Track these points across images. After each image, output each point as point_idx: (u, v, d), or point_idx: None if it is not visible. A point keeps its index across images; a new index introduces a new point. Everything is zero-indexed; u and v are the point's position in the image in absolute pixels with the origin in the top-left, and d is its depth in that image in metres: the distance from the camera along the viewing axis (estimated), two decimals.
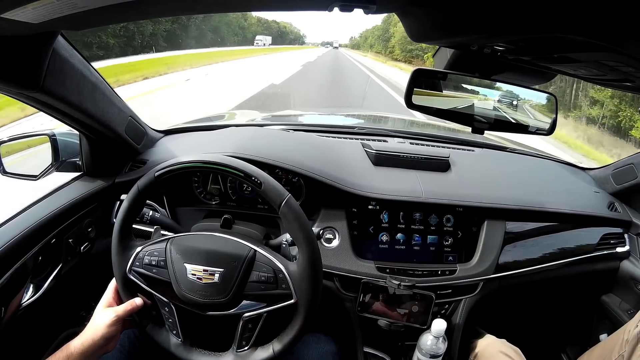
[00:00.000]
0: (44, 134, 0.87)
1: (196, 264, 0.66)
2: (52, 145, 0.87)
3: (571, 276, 1.06)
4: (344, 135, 1.19)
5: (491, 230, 0.97)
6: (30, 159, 0.90)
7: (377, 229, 0.96)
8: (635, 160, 1.09)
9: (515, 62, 0.57)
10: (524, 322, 1.25)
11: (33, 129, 0.91)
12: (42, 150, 0.87)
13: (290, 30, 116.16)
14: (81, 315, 0.94)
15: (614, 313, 1.09)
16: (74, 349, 0.63)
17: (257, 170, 0.66)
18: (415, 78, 0.63)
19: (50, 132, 0.87)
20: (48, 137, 0.86)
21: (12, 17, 0.43)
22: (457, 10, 0.41)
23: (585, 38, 0.34)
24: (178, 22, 26.33)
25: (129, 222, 0.71)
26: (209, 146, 1.04)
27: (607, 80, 0.54)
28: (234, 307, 0.67)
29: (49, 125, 0.97)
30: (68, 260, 0.85)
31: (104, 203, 0.94)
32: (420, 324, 0.90)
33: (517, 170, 1.15)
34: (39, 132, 0.87)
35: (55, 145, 0.87)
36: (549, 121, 0.69)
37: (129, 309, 0.69)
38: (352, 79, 13.27)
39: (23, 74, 0.58)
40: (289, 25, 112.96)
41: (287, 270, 0.66)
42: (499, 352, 0.88)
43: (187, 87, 9.10)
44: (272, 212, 0.92)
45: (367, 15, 0.45)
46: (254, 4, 0.50)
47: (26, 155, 0.91)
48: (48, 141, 0.86)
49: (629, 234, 1.09)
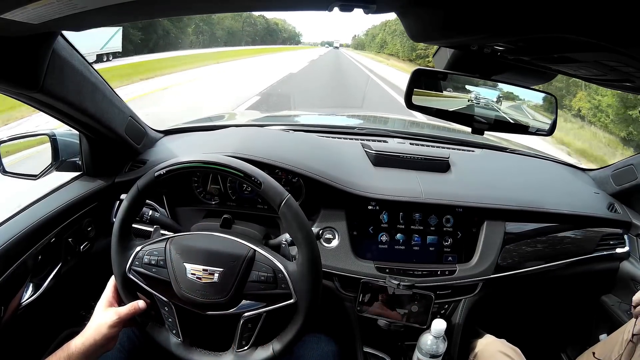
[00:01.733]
0: (44, 134, 0.87)
1: (196, 263, 0.66)
2: (52, 145, 0.87)
3: (571, 276, 1.06)
4: (343, 135, 1.19)
5: (491, 230, 0.97)
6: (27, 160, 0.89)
7: (376, 229, 0.96)
8: (635, 161, 1.09)
9: (515, 62, 0.57)
10: (524, 322, 1.25)
11: (33, 129, 0.91)
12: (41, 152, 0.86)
13: (284, 28, 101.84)
14: (81, 315, 0.94)
15: (614, 313, 1.09)
16: (74, 348, 0.63)
17: (256, 170, 0.66)
18: (415, 78, 0.63)
19: (50, 132, 0.87)
20: (48, 137, 0.87)
21: (12, 18, 0.43)
22: (457, 10, 0.41)
23: (585, 38, 0.34)
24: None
25: (129, 221, 0.71)
26: (209, 146, 1.04)
27: (607, 80, 0.54)
28: (233, 307, 0.67)
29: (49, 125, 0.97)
30: (68, 259, 0.85)
31: (103, 203, 0.94)
32: (420, 323, 0.90)
33: (517, 171, 1.15)
34: (39, 132, 0.87)
35: (55, 145, 0.87)
36: (549, 122, 0.69)
37: (132, 311, 0.69)
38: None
39: (23, 74, 0.58)
40: (282, 22, 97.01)
41: (286, 270, 0.66)
42: (499, 352, 0.88)
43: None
44: (272, 212, 0.92)
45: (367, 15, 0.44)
46: (253, 4, 0.50)
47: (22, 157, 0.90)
48: (48, 141, 0.87)
49: (629, 234, 1.09)
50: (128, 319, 0.69)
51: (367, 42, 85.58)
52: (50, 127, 0.93)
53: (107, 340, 0.66)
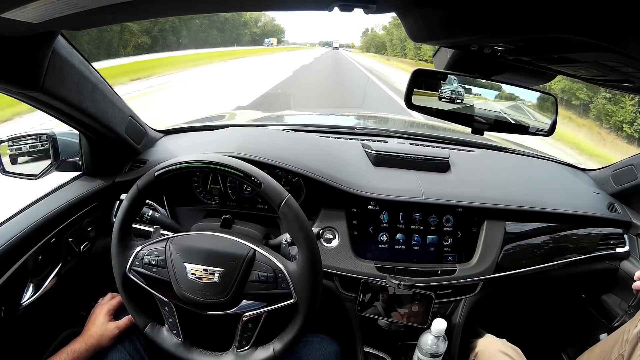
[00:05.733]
0: (44, 134, 0.87)
1: (196, 263, 0.66)
2: (52, 144, 0.87)
3: (571, 276, 1.07)
4: (344, 135, 1.19)
5: (491, 230, 0.97)
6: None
7: (376, 229, 0.96)
8: (635, 161, 1.09)
9: (515, 63, 0.57)
10: (524, 322, 1.25)
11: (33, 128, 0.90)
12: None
13: (267, 23, 69.66)
14: (81, 315, 0.94)
15: (614, 313, 1.09)
16: (79, 354, 0.73)
17: (256, 170, 0.66)
18: (415, 78, 0.63)
19: (50, 131, 0.87)
20: (48, 137, 0.87)
21: (12, 17, 0.43)
22: (457, 10, 0.41)
23: (585, 38, 0.34)
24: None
25: (129, 221, 0.71)
26: (209, 146, 1.04)
27: (607, 80, 0.54)
28: (233, 307, 0.67)
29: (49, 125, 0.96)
30: (68, 259, 0.85)
31: (103, 203, 0.94)
32: (420, 323, 0.90)
33: (517, 170, 1.15)
34: (39, 132, 0.87)
35: (55, 145, 0.87)
36: (549, 122, 0.69)
37: (131, 322, 0.79)
38: None
39: (23, 73, 0.58)
40: (262, 16, 65.39)
41: (286, 269, 0.66)
42: (499, 352, 0.88)
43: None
44: (272, 212, 0.92)
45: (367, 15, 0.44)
46: (253, 4, 0.50)
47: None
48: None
49: (629, 234, 1.09)
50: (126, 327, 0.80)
51: (386, 40, 51.30)
52: (49, 127, 0.92)
53: (105, 346, 0.77)
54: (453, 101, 0.63)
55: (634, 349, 0.79)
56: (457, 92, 0.63)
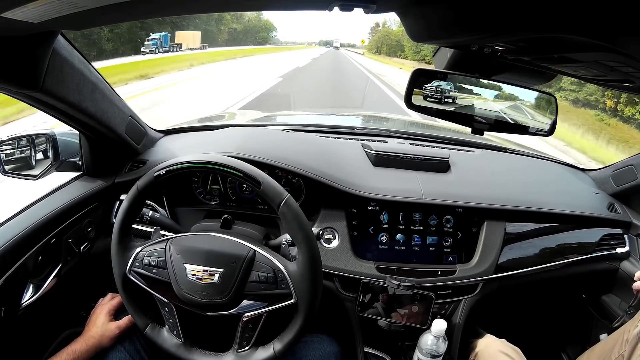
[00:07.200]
0: (44, 134, 0.87)
1: (196, 264, 0.66)
2: (52, 145, 0.87)
3: (571, 276, 1.06)
4: (343, 135, 1.19)
5: (491, 230, 0.97)
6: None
7: (376, 230, 0.96)
8: (635, 162, 1.09)
9: (515, 63, 0.58)
10: (524, 322, 1.25)
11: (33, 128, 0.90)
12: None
13: (252, 19, 50.49)
14: (81, 315, 0.94)
15: (614, 313, 1.09)
16: (80, 355, 0.73)
17: (256, 170, 0.66)
18: (415, 78, 0.63)
19: (50, 132, 0.87)
20: (48, 137, 0.86)
21: (12, 17, 0.43)
22: (457, 10, 0.41)
23: (585, 38, 0.34)
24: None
25: (129, 222, 0.71)
26: (208, 146, 1.04)
27: (607, 80, 0.54)
28: (234, 307, 0.67)
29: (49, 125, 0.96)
30: (68, 260, 0.85)
31: (103, 203, 0.94)
32: (420, 324, 0.90)
33: (517, 171, 1.15)
34: (39, 132, 0.87)
35: (55, 145, 0.87)
36: (549, 122, 0.69)
37: (131, 322, 0.79)
38: None
39: (23, 73, 0.58)
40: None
41: (286, 270, 0.66)
42: (499, 352, 0.88)
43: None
44: (272, 212, 0.92)
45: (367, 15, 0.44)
46: (253, 4, 0.50)
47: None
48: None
49: (629, 234, 1.09)
50: (127, 327, 0.80)
51: (403, 38, 34.58)
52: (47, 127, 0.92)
53: (105, 346, 0.78)
54: (439, 101, 0.63)
55: (634, 349, 0.79)
56: (442, 90, 0.63)
